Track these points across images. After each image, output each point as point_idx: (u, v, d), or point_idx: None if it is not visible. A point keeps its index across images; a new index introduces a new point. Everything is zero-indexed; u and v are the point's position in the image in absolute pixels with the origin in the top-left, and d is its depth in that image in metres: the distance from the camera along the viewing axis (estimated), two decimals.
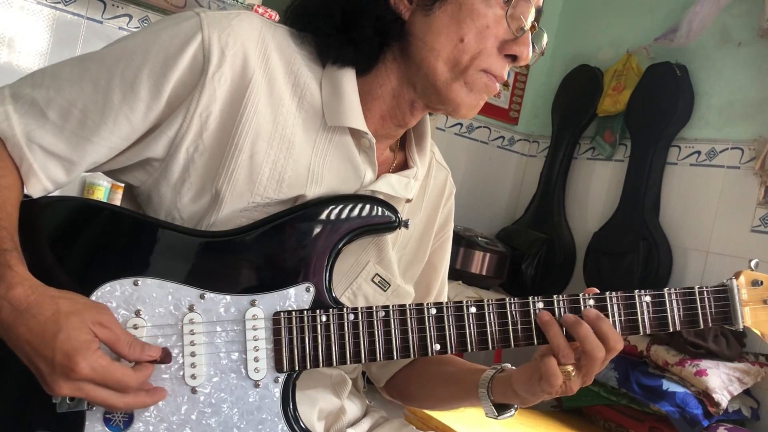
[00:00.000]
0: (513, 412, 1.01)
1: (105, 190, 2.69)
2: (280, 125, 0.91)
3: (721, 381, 2.21)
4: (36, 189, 0.87)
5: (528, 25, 0.93)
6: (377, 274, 1.00)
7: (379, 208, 0.92)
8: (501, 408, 1.01)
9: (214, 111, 0.89)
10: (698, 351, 2.29)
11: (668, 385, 2.28)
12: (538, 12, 0.96)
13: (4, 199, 0.82)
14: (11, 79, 0.91)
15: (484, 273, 3.05)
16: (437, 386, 1.10)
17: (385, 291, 1.01)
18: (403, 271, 1.08)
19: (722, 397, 2.18)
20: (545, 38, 0.98)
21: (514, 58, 0.94)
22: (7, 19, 2.61)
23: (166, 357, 0.83)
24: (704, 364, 2.25)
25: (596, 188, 3.23)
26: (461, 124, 3.55)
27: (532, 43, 0.96)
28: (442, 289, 1.17)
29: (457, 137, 3.53)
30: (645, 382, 2.35)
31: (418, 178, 1.04)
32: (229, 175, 0.90)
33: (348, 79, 0.94)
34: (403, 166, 1.05)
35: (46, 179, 0.87)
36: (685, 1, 2.89)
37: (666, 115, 2.86)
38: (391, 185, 0.99)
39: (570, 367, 0.88)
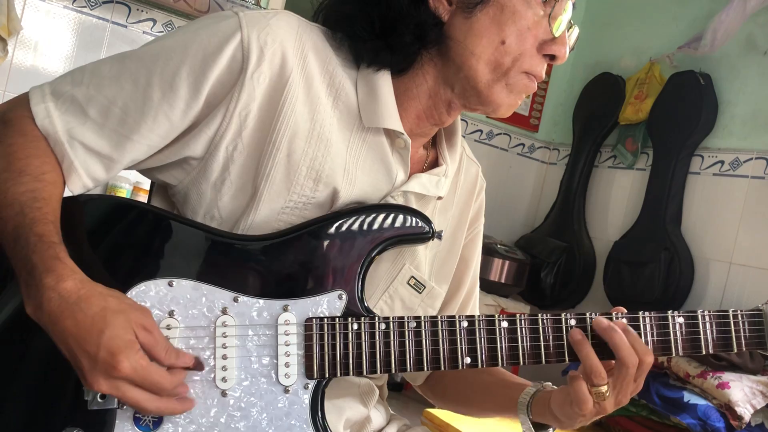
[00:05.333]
0: (551, 431, 0.99)
1: (127, 193, 2.71)
2: (318, 123, 0.92)
3: (744, 394, 2.18)
4: (76, 186, 0.88)
5: (565, 24, 0.93)
6: (412, 276, 1.00)
7: (414, 219, 0.92)
8: (539, 426, 0.99)
9: (253, 109, 0.89)
10: (720, 363, 2.26)
11: (689, 397, 2.25)
12: (572, 7, 0.96)
13: (50, 194, 0.83)
14: (37, 83, 0.92)
15: (503, 281, 3.04)
16: (474, 395, 1.09)
17: (420, 293, 1.01)
18: (438, 268, 1.07)
19: (745, 411, 2.15)
20: (576, 33, 0.98)
21: (552, 57, 0.94)
22: (34, 23, 2.64)
23: (198, 365, 0.84)
24: (727, 376, 2.23)
25: (617, 197, 3.21)
26: (481, 131, 3.55)
27: None
28: (474, 285, 1.16)
29: (477, 144, 3.52)
30: (666, 393, 2.33)
31: (449, 176, 1.04)
32: (267, 172, 0.90)
33: (384, 80, 0.94)
34: (435, 163, 1.05)
35: (86, 176, 0.88)
36: (710, 9, 2.86)
37: (689, 125, 2.84)
38: (422, 185, 0.99)
39: (604, 388, 0.87)
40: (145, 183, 2.61)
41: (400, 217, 0.92)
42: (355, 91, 0.94)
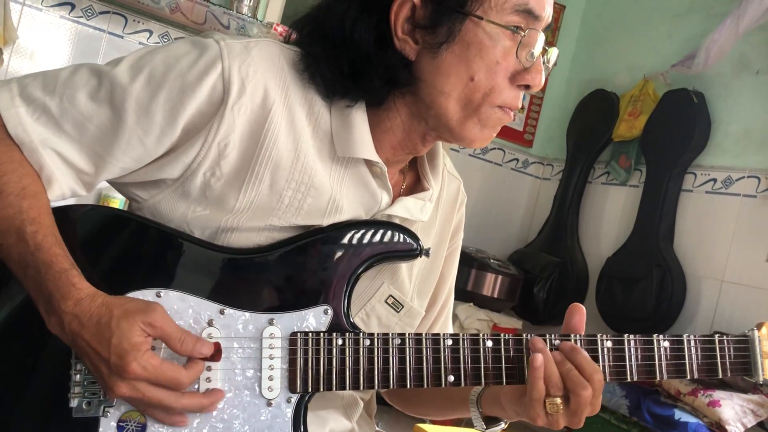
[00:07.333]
0: (503, 424, 1.00)
1: (120, 203, 2.71)
2: (302, 153, 0.91)
3: (735, 412, 2.18)
4: (55, 195, 0.88)
5: (538, 51, 0.91)
6: (391, 295, 1.00)
7: (402, 236, 0.93)
8: (491, 420, 1.00)
9: (232, 140, 0.88)
10: (711, 381, 2.26)
11: (680, 415, 2.25)
12: (546, 28, 0.94)
13: (38, 210, 0.82)
14: None
15: (495, 295, 3.04)
16: (435, 397, 1.10)
17: (398, 312, 1.01)
18: (419, 285, 1.07)
19: (736, 429, 2.15)
20: (555, 53, 0.95)
21: (527, 86, 0.92)
22: (30, 33, 2.65)
23: (216, 354, 0.83)
24: (718, 394, 2.23)
25: (610, 213, 3.22)
26: None
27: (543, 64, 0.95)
28: (448, 300, 1.16)
29: (471, 158, 3.53)
30: (657, 411, 2.33)
31: (434, 200, 1.04)
32: (249, 202, 0.90)
33: (357, 112, 0.93)
34: (415, 185, 1.05)
35: (66, 187, 0.88)
36: (704, 27, 2.89)
37: (682, 142, 2.85)
38: (407, 209, 0.99)
39: (558, 400, 0.86)
40: None
41: (388, 234, 0.92)
42: (329, 121, 0.93)
